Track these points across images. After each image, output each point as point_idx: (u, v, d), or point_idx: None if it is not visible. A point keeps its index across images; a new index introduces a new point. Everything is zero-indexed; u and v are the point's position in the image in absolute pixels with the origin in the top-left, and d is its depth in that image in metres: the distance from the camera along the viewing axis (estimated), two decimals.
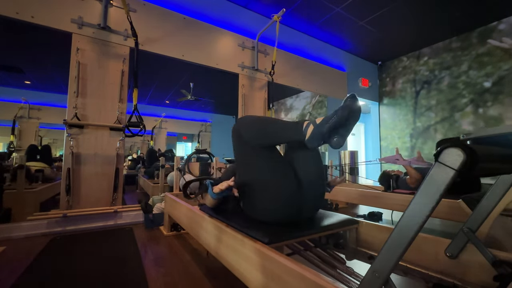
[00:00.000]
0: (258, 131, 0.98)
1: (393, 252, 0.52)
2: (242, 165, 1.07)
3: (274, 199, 0.98)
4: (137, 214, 2.24)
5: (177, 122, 7.23)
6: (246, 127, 1.01)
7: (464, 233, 0.84)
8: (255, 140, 0.98)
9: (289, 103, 5.72)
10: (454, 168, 0.45)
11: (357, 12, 3.22)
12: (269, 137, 0.97)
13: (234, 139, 1.05)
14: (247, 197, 1.07)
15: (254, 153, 0.99)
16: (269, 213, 1.01)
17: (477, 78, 3.51)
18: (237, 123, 1.05)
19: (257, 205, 1.02)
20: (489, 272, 0.78)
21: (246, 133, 0.99)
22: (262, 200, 0.99)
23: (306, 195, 1.02)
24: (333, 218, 1.12)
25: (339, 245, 1.16)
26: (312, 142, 0.87)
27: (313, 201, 1.07)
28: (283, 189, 0.98)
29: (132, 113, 2.18)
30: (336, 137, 0.84)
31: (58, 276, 1.26)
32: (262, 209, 1.01)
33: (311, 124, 0.87)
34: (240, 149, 1.04)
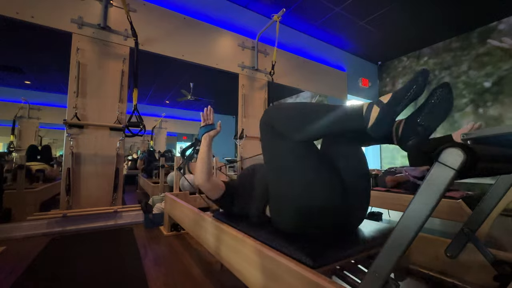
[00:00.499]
0: (298, 120, 0.77)
1: (393, 252, 0.51)
2: (274, 162, 0.87)
3: (314, 205, 0.78)
4: (137, 214, 2.24)
5: (177, 122, 7.23)
6: (281, 117, 0.81)
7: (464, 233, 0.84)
8: (294, 133, 0.76)
9: None
10: (454, 168, 0.45)
11: (357, 12, 3.22)
12: (314, 127, 0.73)
13: (264, 133, 0.86)
14: (278, 201, 0.88)
15: (290, 148, 0.80)
16: (307, 223, 0.81)
17: (477, 78, 3.51)
18: (267, 114, 0.85)
19: (291, 213, 0.82)
20: (489, 272, 0.78)
21: (282, 125, 0.79)
22: (298, 206, 0.80)
23: (352, 202, 0.83)
24: (380, 229, 0.94)
25: None
26: (379, 130, 0.62)
27: (359, 209, 0.88)
28: (325, 193, 0.78)
29: (132, 113, 2.18)
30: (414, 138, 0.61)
31: (58, 276, 1.26)
32: (298, 217, 0.81)
33: (375, 105, 0.64)
34: (272, 143, 0.84)
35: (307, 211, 0.79)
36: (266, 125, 0.84)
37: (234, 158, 4.45)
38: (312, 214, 0.79)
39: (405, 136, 0.63)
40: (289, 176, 0.81)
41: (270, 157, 0.87)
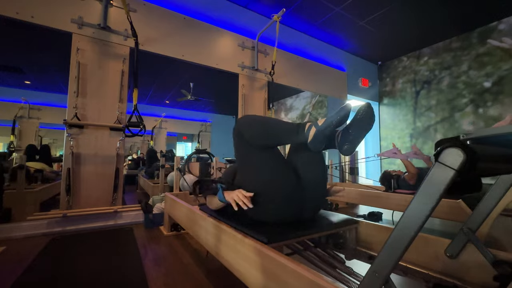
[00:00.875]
0: (259, 131, 0.97)
1: (393, 252, 0.52)
2: (243, 164, 1.07)
3: (274, 199, 0.97)
4: (137, 214, 2.24)
5: (177, 122, 7.23)
6: (247, 127, 1.00)
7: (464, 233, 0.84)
8: (255, 140, 0.97)
9: (289, 103, 5.72)
10: (454, 168, 0.45)
11: (357, 12, 3.22)
12: (270, 138, 0.96)
13: (235, 139, 1.05)
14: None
15: (255, 153, 0.99)
16: (270, 213, 1.00)
17: (477, 78, 3.51)
18: (237, 123, 1.05)
19: (258, 205, 1.00)
20: (489, 272, 0.78)
21: (246, 133, 0.98)
22: (262, 200, 0.98)
23: (307, 195, 1.02)
24: (333, 218, 1.12)
25: (339, 245, 1.16)
26: (314, 145, 0.86)
27: (314, 201, 1.07)
28: (283, 189, 0.97)
29: (132, 113, 2.18)
30: (346, 145, 0.83)
31: (58, 276, 1.26)
32: (262, 209, 1.00)
33: (313, 126, 0.86)
34: (241, 149, 1.04)
35: (267, 203, 0.98)
36: (237, 131, 1.02)
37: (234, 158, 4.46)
38: (271, 206, 0.98)
39: (341, 143, 0.85)
40: (253, 173, 1.01)
41: (239, 157, 1.07)
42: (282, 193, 0.97)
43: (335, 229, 1.08)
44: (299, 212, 1.03)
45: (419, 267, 0.95)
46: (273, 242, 0.86)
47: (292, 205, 1.00)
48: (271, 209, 0.99)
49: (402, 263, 0.99)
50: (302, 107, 5.29)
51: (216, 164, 2.64)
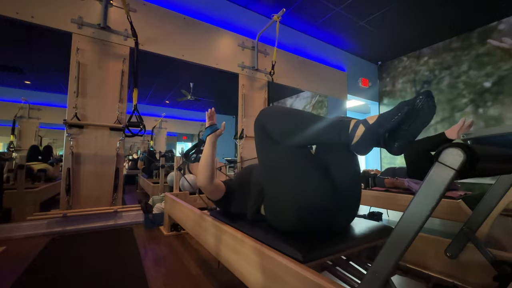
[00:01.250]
0: (290, 127, 0.80)
1: (393, 252, 0.52)
2: (267, 164, 0.89)
3: (305, 205, 0.81)
4: (137, 214, 2.24)
5: (177, 122, 7.23)
6: (274, 120, 0.83)
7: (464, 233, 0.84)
8: (285, 137, 0.80)
9: (289, 103, 5.72)
10: (454, 168, 0.45)
11: (357, 12, 3.22)
12: (303, 136, 0.77)
13: (257, 133, 0.88)
14: (271, 202, 0.91)
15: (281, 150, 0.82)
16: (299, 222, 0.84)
17: (477, 78, 3.51)
18: (261, 115, 0.88)
19: (284, 212, 0.85)
20: (489, 272, 0.78)
21: (273, 128, 0.82)
22: (290, 206, 0.83)
23: (343, 203, 0.87)
24: (369, 227, 0.98)
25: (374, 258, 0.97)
26: (361, 149, 0.67)
27: (349, 208, 0.91)
28: (316, 193, 0.82)
29: (132, 113, 2.18)
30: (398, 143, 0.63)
31: (58, 276, 1.26)
32: (290, 216, 0.84)
33: (361, 125, 0.67)
34: (264, 145, 0.87)
35: (297, 211, 0.82)
36: (260, 125, 0.86)
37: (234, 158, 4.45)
38: (302, 214, 0.82)
39: (391, 140, 0.65)
40: (280, 177, 0.84)
41: (263, 157, 0.90)
42: (315, 198, 0.81)
43: (376, 240, 0.92)
44: (333, 221, 0.88)
45: (419, 267, 0.95)
46: (310, 260, 0.72)
47: (326, 212, 0.84)
48: (301, 217, 0.83)
49: (402, 263, 0.99)
50: (302, 107, 5.29)
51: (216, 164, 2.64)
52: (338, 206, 0.86)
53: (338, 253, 0.81)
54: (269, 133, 0.83)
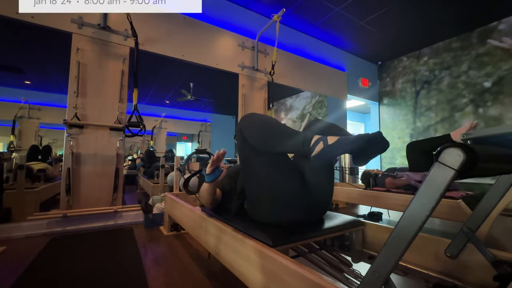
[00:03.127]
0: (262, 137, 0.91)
1: (393, 252, 0.52)
2: (246, 164, 1.03)
3: (279, 200, 0.94)
4: (137, 214, 2.24)
5: (177, 122, 7.23)
6: (250, 130, 0.95)
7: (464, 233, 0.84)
8: (257, 146, 0.92)
9: (289, 103, 5.72)
10: (454, 168, 0.45)
11: (357, 12, 3.22)
12: (272, 146, 0.88)
13: (238, 138, 1.01)
14: (250, 198, 1.04)
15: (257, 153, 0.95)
16: (274, 215, 0.97)
17: (477, 78, 3.51)
18: (241, 122, 0.99)
19: (261, 207, 0.99)
20: (489, 272, 0.78)
21: (249, 136, 0.94)
22: (266, 201, 0.96)
23: (314, 197, 0.98)
24: (339, 220, 1.10)
25: (345, 247, 1.14)
26: (317, 162, 0.78)
27: (320, 203, 1.04)
28: (288, 190, 0.94)
29: (132, 113, 2.18)
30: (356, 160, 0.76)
31: (58, 276, 1.26)
32: (266, 210, 0.97)
33: (321, 142, 0.77)
34: (244, 148, 0.99)
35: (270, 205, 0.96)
36: (240, 131, 0.97)
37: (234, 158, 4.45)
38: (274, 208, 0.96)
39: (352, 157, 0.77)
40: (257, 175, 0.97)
41: (242, 157, 1.03)
42: (288, 194, 0.94)
43: (341, 231, 1.06)
44: (304, 214, 1.00)
45: (419, 267, 0.95)
46: (279, 245, 0.84)
47: (297, 206, 0.97)
48: (276, 211, 0.96)
49: (402, 263, 0.99)
50: (302, 107, 5.29)
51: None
52: (310, 202, 0.98)
53: (304, 240, 0.93)
54: (247, 139, 0.94)
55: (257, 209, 1.01)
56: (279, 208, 0.96)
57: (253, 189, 1.00)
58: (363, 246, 1.15)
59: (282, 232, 0.91)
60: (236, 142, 1.05)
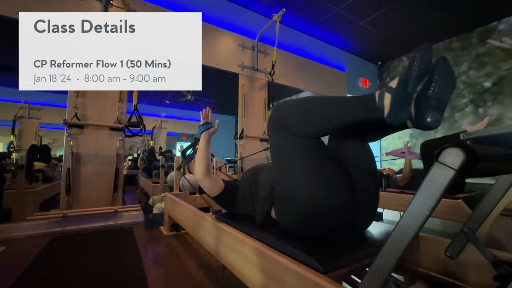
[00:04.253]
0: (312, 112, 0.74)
1: (393, 252, 0.51)
2: (283, 163, 0.82)
3: (324, 207, 0.76)
4: (137, 214, 2.24)
5: (177, 122, 7.23)
6: (292, 111, 0.78)
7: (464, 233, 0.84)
8: (309, 126, 0.74)
9: None
10: (454, 168, 0.45)
11: (357, 12, 3.22)
12: (329, 120, 0.72)
13: (273, 130, 0.84)
14: (284, 204, 0.85)
15: (298, 148, 0.78)
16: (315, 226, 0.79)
17: (477, 78, 3.51)
18: (277, 110, 0.83)
19: (299, 215, 0.80)
20: (489, 272, 0.78)
21: (293, 119, 0.76)
22: (306, 208, 0.77)
23: (362, 202, 0.81)
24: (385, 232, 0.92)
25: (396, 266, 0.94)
26: (396, 118, 0.60)
27: (369, 209, 0.86)
28: (336, 194, 0.76)
29: (132, 113, 2.19)
30: (430, 112, 0.57)
31: (58, 276, 1.26)
32: (305, 220, 0.79)
33: (386, 92, 0.62)
34: (280, 143, 0.81)
35: (314, 211, 0.77)
36: (277, 122, 0.81)
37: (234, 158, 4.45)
38: (319, 215, 0.77)
39: (421, 114, 0.59)
40: (296, 175, 0.78)
41: (279, 156, 0.84)
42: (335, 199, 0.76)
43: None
44: (352, 225, 0.83)
45: (419, 267, 0.95)
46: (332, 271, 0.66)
47: (346, 214, 0.79)
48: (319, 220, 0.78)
49: (402, 263, 0.99)
50: None
51: (216, 164, 2.64)
52: (356, 207, 0.80)
53: (358, 261, 0.74)
54: (290, 127, 0.77)
55: (294, 218, 0.81)
56: (323, 216, 0.77)
57: (292, 193, 0.80)
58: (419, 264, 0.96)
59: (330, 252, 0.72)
60: (270, 139, 0.87)
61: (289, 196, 0.81)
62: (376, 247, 0.74)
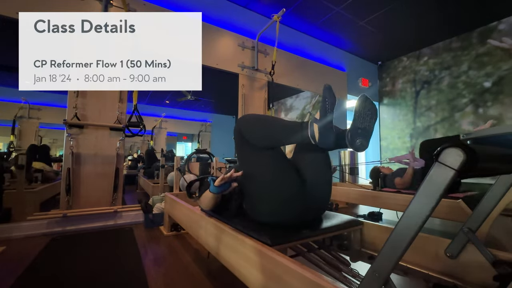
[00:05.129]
0: (261, 131, 0.95)
1: (393, 252, 0.52)
2: (244, 165, 1.03)
3: (277, 200, 0.95)
4: (137, 214, 2.24)
5: (177, 122, 7.22)
6: (248, 126, 0.97)
7: (464, 233, 0.84)
8: (257, 141, 0.94)
9: (289, 103, 5.72)
10: (454, 168, 0.45)
11: (357, 12, 3.22)
12: (273, 138, 0.92)
13: (236, 138, 1.01)
14: (249, 198, 1.05)
15: (256, 153, 0.96)
16: (272, 215, 0.97)
17: (477, 78, 3.51)
18: (238, 122, 1.02)
19: (260, 206, 1.00)
20: (489, 272, 0.78)
21: (247, 134, 0.95)
22: (264, 201, 0.97)
23: (311, 196, 0.98)
24: (337, 219, 1.10)
25: (343, 247, 1.15)
26: (324, 143, 0.80)
27: (318, 202, 1.04)
28: (286, 190, 0.94)
29: (132, 113, 2.19)
30: (358, 140, 0.78)
31: (58, 276, 1.26)
32: (264, 210, 0.98)
33: (314, 123, 0.81)
34: (242, 149, 1.01)
35: (269, 204, 0.96)
36: (238, 131, 0.98)
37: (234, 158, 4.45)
38: (274, 207, 0.96)
39: (352, 140, 0.79)
40: (256, 174, 0.97)
41: (242, 158, 1.04)
42: (285, 194, 0.94)
43: (340, 230, 1.07)
44: (303, 213, 1.00)
45: (419, 267, 0.95)
46: (277, 244, 0.84)
47: (295, 206, 0.97)
48: (274, 211, 0.97)
49: (402, 263, 0.99)
50: (302, 107, 5.29)
51: (216, 164, 2.64)
52: (309, 201, 0.98)
53: (303, 239, 0.94)
54: (246, 138, 0.95)
55: (257, 209, 1.01)
56: (279, 207, 0.96)
57: (252, 189, 1.00)
58: (362, 245, 1.16)
59: (281, 232, 0.92)
60: (235, 143, 1.05)
61: (252, 192, 1.01)
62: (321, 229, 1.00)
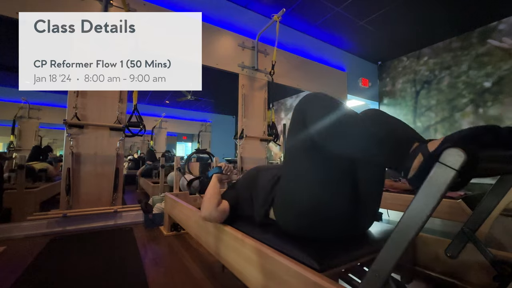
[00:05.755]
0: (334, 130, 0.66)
1: (393, 252, 0.51)
2: (294, 162, 0.81)
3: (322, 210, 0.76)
4: (137, 214, 2.24)
5: (177, 122, 7.22)
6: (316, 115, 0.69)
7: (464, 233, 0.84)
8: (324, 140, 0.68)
9: (289, 103, 5.72)
10: (455, 168, 0.45)
11: (357, 12, 3.22)
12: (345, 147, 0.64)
13: (294, 121, 0.78)
14: (287, 205, 0.84)
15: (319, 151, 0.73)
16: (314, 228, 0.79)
17: (477, 78, 3.50)
18: (304, 102, 0.76)
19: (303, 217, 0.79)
20: (489, 272, 0.78)
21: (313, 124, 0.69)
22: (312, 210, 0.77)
23: (362, 210, 0.82)
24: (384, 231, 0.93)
25: None
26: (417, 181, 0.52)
27: (369, 213, 0.87)
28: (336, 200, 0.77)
29: (132, 113, 2.18)
30: None
31: (58, 276, 1.26)
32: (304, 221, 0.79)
33: (420, 153, 0.53)
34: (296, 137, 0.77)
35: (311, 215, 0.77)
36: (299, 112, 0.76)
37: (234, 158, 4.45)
38: (316, 218, 0.78)
39: None
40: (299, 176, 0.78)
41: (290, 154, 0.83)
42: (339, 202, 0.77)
43: None
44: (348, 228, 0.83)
45: (419, 267, 0.95)
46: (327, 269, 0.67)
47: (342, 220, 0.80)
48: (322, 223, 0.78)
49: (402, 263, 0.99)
50: None
51: (216, 164, 2.64)
52: (357, 213, 0.81)
53: (354, 260, 0.77)
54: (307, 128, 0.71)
55: (296, 219, 0.81)
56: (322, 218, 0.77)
57: (295, 194, 0.79)
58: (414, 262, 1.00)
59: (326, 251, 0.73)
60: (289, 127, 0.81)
61: (290, 197, 0.81)
62: (375, 246, 0.80)
